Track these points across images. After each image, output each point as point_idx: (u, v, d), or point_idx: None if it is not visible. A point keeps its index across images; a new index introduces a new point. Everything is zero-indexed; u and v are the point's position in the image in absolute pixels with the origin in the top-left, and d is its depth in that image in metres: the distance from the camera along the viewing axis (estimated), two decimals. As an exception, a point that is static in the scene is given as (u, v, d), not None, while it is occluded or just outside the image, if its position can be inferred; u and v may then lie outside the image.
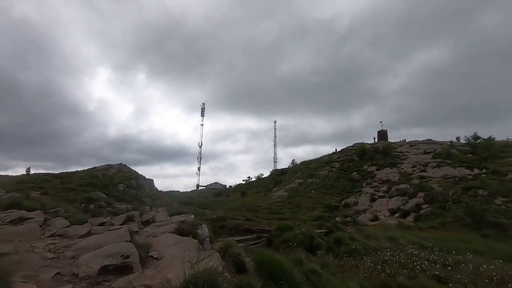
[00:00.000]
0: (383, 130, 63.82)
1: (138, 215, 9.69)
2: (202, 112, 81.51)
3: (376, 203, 24.10)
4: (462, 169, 28.57)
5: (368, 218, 19.97)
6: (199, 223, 6.72)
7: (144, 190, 29.95)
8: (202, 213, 22.11)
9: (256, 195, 45.72)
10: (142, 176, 35.65)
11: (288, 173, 53.65)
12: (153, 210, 10.95)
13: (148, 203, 25.68)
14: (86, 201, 15.63)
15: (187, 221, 7.50)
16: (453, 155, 34.51)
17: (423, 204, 21.15)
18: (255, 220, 17.89)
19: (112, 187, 26.14)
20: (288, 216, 23.45)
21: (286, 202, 32.47)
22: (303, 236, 10.49)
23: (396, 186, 25.75)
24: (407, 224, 16.55)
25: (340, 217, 22.22)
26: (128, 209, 17.25)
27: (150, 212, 10.21)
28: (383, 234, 12.81)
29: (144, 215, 9.41)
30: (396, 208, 21.04)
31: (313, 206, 28.12)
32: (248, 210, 29.09)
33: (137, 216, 9.25)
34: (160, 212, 10.99)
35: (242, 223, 15.65)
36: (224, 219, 17.42)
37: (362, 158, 43.68)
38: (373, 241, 10.93)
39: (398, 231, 14.19)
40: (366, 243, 10.52)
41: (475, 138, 41.95)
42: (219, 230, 14.19)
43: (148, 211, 11.15)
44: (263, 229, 15.85)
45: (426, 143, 48.47)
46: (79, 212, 11.82)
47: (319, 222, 19.97)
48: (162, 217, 8.90)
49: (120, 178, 30.21)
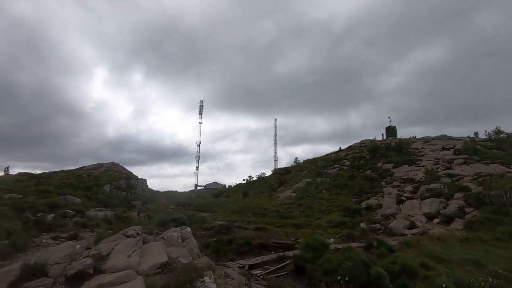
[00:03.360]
0: (391, 126, 60.31)
1: (90, 242, 5.95)
2: (200, 110, 78.30)
3: (405, 206, 20.63)
4: (497, 166, 25.18)
5: (403, 225, 16.50)
6: (199, 274, 3.16)
7: (135, 192, 26.35)
8: (201, 219, 18.58)
9: (260, 195, 42.20)
10: (134, 176, 32.05)
11: (293, 172, 50.15)
12: (116, 236, 5.79)
13: (138, 207, 22.12)
14: (48, 208, 12.10)
15: (173, 258, 3.98)
16: (479, 151, 31.12)
17: (465, 207, 17.71)
18: (267, 230, 14.36)
19: (97, 189, 22.54)
20: (302, 222, 19.96)
21: (295, 203, 28.96)
22: (353, 263, 6.97)
23: (425, 186, 22.28)
24: (462, 235, 13.07)
25: (365, 223, 18.74)
26: (107, 217, 13.68)
27: (108, 241, 5.33)
28: (450, 252, 9.33)
29: (78, 262, 4.18)
30: (434, 212, 17.57)
31: (328, 209, 24.66)
32: (253, 213, 25.60)
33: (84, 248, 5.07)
34: (122, 243, 5.37)
35: (253, 235, 12.11)
36: (229, 228, 13.89)
37: (374, 155, 40.28)
38: (455, 268, 7.44)
39: (460, 246, 10.73)
40: (448, 272, 7.03)
41: (497, 133, 38.73)
42: (225, 247, 10.66)
43: (101, 242, 5.27)
44: (280, 242, 12.31)
45: (442, 139, 45.18)
46: (23, 227, 8.21)
47: (344, 230, 16.50)
48: (129, 248, 4.89)
49: (107, 178, 26.59)
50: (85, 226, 11.12)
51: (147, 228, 13.56)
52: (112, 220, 13.09)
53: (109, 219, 13.09)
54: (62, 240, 8.24)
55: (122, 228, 12.34)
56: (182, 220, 15.80)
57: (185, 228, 9.97)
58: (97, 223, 11.79)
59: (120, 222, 13.54)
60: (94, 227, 11.26)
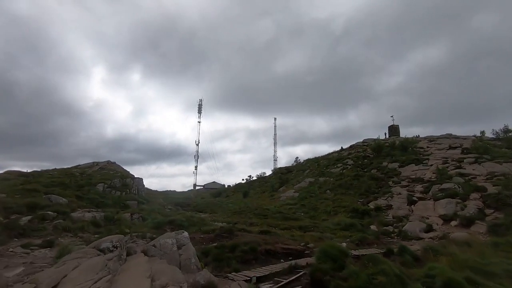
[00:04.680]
0: (394, 125, 58.97)
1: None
2: (199, 109, 76.55)
3: (417, 207, 19.38)
4: (510, 165, 23.98)
5: (419, 227, 15.22)
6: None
7: (130, 191, 25.00)
8: (200, 221, 17.26)
9: (260, 195, 40.89)
10: (130, 175, 30.71)
11: (294, 172, 48.86)
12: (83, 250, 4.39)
13: (132, 207, 20.81)
14: (27, 209, 10.77)
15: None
16: (490, 150, 29.91)
17: (484, 208, 16.48)
18: (273, 234, 13.07)
19: (89, 188, 21.19)
20: (308, 224, 18.70)
21: (298, 204, 27.70)
22: (386, 278, 5.70)
23: (437, 186, 21.05)
24: (489, 239, 11.79)
25: (376, 225, 17.49)
26: (96, 219, 12.34)
27: (69, 258, 3.92)
28: (487, 262, 8.07)
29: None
30: (450, 214, 16.32)
31: (333, 210, 23.39)
32: (255, 214, 24.33)
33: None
34: (84, 266, 3.79)
35: (258, 240, 10.82)
36: (231, 231, 12.61)
37: (379, 154, 39.03)
38: (506, 284, 6.19)
39: (494, 253, 9.48)
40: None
41: (506, 131, 37.62)
42: (228, 255, 9.37)
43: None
44: (289, 248, 11.03)
45: (447, 137, 44.00)
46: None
47: (355, 234, 15.25)
48: (92, 274, 3.02)
49: (101, 176, 25.23)
50: (67, 230, 9.78)
51: (140, 231, 12.22)
52: (100, 222, 11.77)
53: (98, 221, 11.75)
54: (33, 248, 6.95)
55: (112, 232, 11.03)
56: (180, 222, 14.53)
57: (182, 233, 8.66)
58: (82, 226, 10.44)
59: (111, 224, 12.24)
60: (78, 231, 9.94)
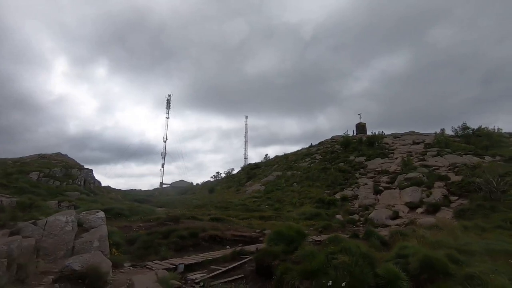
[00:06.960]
0: (361, 123, 60.06)
1: None
2: (167, 104, 71.85)
3: (383, 196, 18.76)
4: (470, 157, 24.48)
5: (385, 215, 14.41)
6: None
7: (74, 182, 22.02)
8: (151, 211, 15.16)
9: (226, 191, 39.06)
10: (79, 165, 27.44)
11: (263, 167, 47.61)
12: None
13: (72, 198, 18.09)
14: None
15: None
16: (451, 144, 30.78)
17: (449, 195, 16.13)
18: (227, 221, 11.39)
19: (19, 176, 18.09)
20: (271, 214, 17.28)
21: (264, 197, 26.31)
22: (351, 258, 4.26)
23: (403, 175, 20.69)
24: (462, 223, 11.03)
25: (341, 214, 16.50)
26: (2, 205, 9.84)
27: None
28: (464, 242, 7.06)
29: None
30: (416, 201, 15.77)
31: (299, 201, 22.29)
32: (216, 207, 22.54)
33: None
34: None
35: (205, 226, 9.09)
36: (178, 219, 10.75)
37: (347, 149, 39.02)
38: (491, 261, 5.04)
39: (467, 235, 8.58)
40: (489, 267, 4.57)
41: (464, 129, 39.41)
42: (161, 241, 7.54)
43: None
44: (242, 235, 9.41)
45: (411, 134, 45.33)
46: None
47: (319, 222, 14.05)
48: None
49: (38, 165, 21.97)
50: None
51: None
52: (7, 209, 9.35)
53: (3, 207, 9.34)
54: None
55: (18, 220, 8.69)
56: (118, 211, 12.35)
57: (96, 213, 6.71)
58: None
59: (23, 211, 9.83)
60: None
